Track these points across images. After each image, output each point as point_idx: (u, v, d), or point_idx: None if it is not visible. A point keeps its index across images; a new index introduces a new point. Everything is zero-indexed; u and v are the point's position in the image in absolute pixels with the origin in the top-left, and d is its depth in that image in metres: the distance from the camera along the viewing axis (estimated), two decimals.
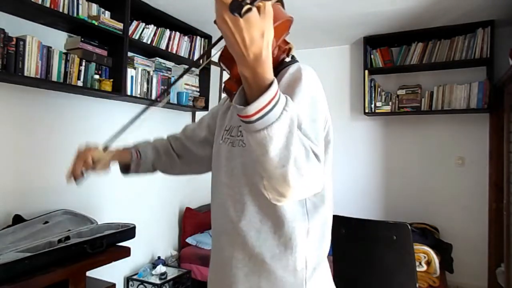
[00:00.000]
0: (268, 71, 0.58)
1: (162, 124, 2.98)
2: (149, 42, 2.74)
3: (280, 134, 0.59)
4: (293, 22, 0.82)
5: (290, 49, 0.89)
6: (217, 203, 0.94)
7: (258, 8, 0.52)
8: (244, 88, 0.61)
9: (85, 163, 1.00)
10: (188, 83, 3.21)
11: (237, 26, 0.51)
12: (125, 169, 1.14)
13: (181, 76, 1.01)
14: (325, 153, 0.84)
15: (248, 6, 0.47)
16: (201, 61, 2.73)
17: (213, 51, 0.90)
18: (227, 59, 0.73)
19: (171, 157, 1.17)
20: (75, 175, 0.99)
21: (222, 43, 0.77)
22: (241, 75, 0.58)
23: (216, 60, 0.81)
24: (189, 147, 1.16)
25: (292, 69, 0.83)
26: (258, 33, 0.53)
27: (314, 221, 0.85)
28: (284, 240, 0.82)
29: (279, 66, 0.86)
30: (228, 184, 0.90)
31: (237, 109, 0.60)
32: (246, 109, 0.57)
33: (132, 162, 1.12)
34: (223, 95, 1.24)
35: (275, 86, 0.58)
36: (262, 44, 0.54)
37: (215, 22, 0.92)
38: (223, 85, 0.83)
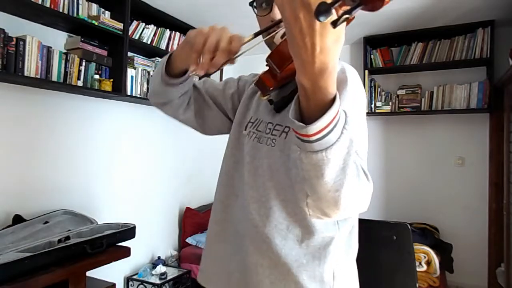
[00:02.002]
0: (332, 84, 0.50)
1: (162, 124, 2.98)
2: (149, 42, 2.74)
3: (338, 157, 0.53)
4: None
5: None
6: (238, 203, 0.86)
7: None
8: (299, 99, 0.53)
9: (230, 55, 0.71)
10: None
11: (311, 29, 0.43)
12: (174, 75, 0.90)
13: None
14: None
15: (346, 16, 0.39)
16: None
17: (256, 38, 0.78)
18: (280, 59, 0.64)
19: (187, 97, 1.01)
20: (215, 66, 0.70)
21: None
22: (300, 84, 0.51)
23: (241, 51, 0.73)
24: (206, 102, 1.03)
25: None
26: (332, 41, 0.45)
27: (344, 230, 0.80)
28: (312, 249, 0.77)
29: None
30: (251, 185, 0.82)
31: (294, 125, 0.52)
32: (307, 129, 0.50)
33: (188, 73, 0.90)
34: (254, 73, 1.12)
35: (337, 102, 0.51)
36: (334, 53, 0.47)
37: (251, 4, 0.82)
38: (257, 77, 0.73)
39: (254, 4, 0.83)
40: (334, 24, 0.40)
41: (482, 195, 3.11)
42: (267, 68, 0.71)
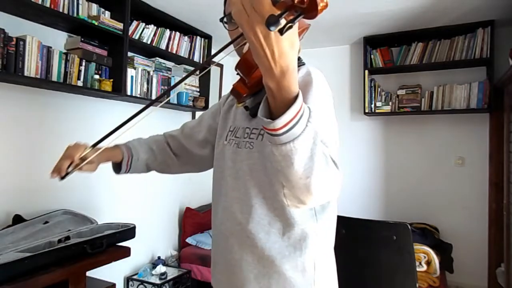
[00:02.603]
0: (294, 83, 0.57)
1: (162, 124, 2.97)
2: (149, 42, 2.74)
3: (305, 146, 0.59)
4: None
5: (298, 51, 0.89)
6: (223, 206, 0.93)
7: None
8: (267, 99, 0.61)
9: (71, 161, 1.00)
10: (188, 83, 3.21)
11: (268, 39, 0.50)
12: (118, 168, 1.14)
13: (184, 79, 1.00)
14: None
15: (290, 25, 0.46)
16: (206, 63, 2.70)
17: (213, 51, 0.91)
18: (246, 67, 0.72)
19: (168, 156, 1.16)
20: (60, 172, 0.99)
21: (222, 43, 0.77)
22: (266, 86, 0.58)
23: (215, 60, 0.81)
24: (187, 147, 1.14)
25: (301, 72, 0.84)
26: (287, 46, 0.52)
27: (322, 222, 0.87)
28: (293, 241, 0.83)
29: None
30: (234, 187, 0.89)
31: (263, 122, 0.59)
32: (274, 123, 0.57)
33: (123, 162, 1.12)
34: (223, 93, 1.21)
35: (300, 98, 0.58)
36: (291, 56, 0.54)
37: (221, 20, 0.92)
38: (232, 86, 0.82)
39: (225, 20, 0.93)
40: (281, 32, 0.47)
41: (482, 195, 3.11)
42: (238, 77, 0.79)
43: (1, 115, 1.97)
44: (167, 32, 2.90)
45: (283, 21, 0.46)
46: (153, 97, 2.79)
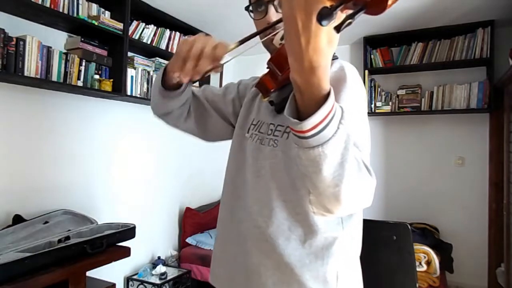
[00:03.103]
0: (325, 80, 0.51)
1: (162, 124, 2.98)
2: (149, 42, 2.74)
3: (335, 151, 0.54)
4: None
5: None
6: (240, 205, 0.86)
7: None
8: (295, 96, 0.55)
9: (215, 63, 0.73)
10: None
11: (306, 29, 0.45)
12: (176, 86, 0.91)
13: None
14: None
15: (350, 21, 0.40)
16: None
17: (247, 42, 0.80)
18: (282, 62, 0.65)
19: (187, 107, 1.01)
20: (198, 74, 0.74)
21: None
22: (293, 81, 0.52)
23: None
24: (207, 109, 1.03)
25: (334, 67, 0.78)
26: (325, 41, 0.46)
27: (348, 230, 0.80)
28: (315, 249, 0.77)
29: None
30: (254, 186, 0.83)
31: (290, 122, 0.54)
32: (302, 124, 0.51)
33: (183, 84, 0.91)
34: (255, 76, 1.14)
35: (332, 97, 0.52)
36: (326, 53, 0.48)
37: (247, 8, 0.85)
38: (258, 79, 0.75)
39: (250, 8, 0.85)
40: (338, 29, 0.41)
41: (482, 195, 3.11)
42: (267, 70, 0.72)
43: (1, 115, 1.97)
44: (167, 32, 2.90)
45: (338, 15, 0.40)
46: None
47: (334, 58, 0.83)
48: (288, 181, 0.77)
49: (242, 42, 0.75)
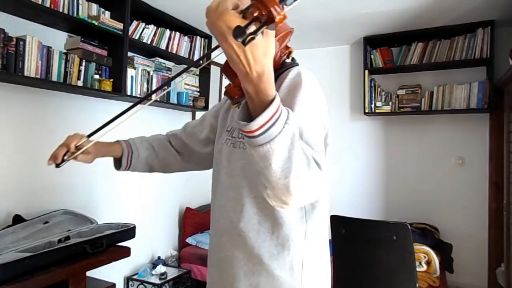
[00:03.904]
0: (270, 87, 0.59)
1: (162, 124, 2.98)
2: (149, 42, 2.74)
3: (282, 148, 0.60)
4: (293, 22, 0.83)
5: (290, 52, 0.91)
6: (218, 204, 0.96)
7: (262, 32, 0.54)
8: (247, 103, 0.62)
9: (67, 150, 1.04)
10: (188, 83, 3.21)
11: (240, 47, 0.52)
12: (118, 163, 1.17)
13: (178, 75, 1.04)
14: None
15: (252, 36, 0.49)
16: (201, 61, 2.72)
17: (215, 51, 0.90)
18: (229, 72, 0.74)
19: (170, 153, 1.18)
20: (56, 159, 1.02)
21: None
22: (244, 90, 0.60)
23: (216, 60, 0.82)
24: (190, 145, 1.17)
25: (292, 73, 0.85)
26: (261, 53, 0.54)
27: (312, 222, 0.88)
28: (282, 241, 0.85)
29: (280, 69, 0.87)
30: (228, 185, 0.92)
31: (239, 125, 0.61)
32: (249, 125, 0.59)
33: (122, 157, 1.14)
34: (223, 94, 1.22)
35: (276, 101, 0.60)
36: (265, 62, 0.55)
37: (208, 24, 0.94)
38: (223, 89, 0.86)
39: None
40: (243, 42, 0.49)
41: (482, 195, 3.11)
42: None
43: (1, 115, 1.97)
44: (167, 32, 2.90)
45: (249, 31, 0.49)
46: (153, 97, 2.78)
47: (295, 64, 0.90)
48: (257, 179, 0.83)
49: (89, 136, 1.09)
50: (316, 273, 0.91)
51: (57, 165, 1.02)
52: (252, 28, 0.49)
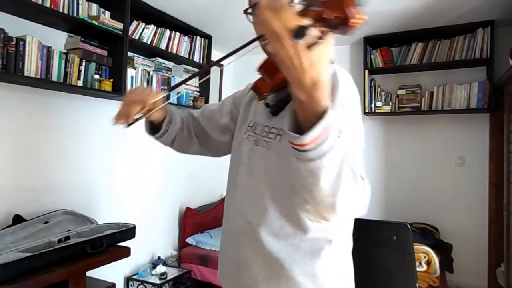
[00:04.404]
0: (324, 95, 0.53)
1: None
2: (149, 42, 2.74)
3: (333, 163, 0.56)
4: None
5: None
6: (235, 202, 0.90)
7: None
8: (296, 111, 0.56)
9: (142, 107, 0.88)
10: (188, 83, 3.21)
11: (296, 50, 0.47)
12: (155, 129, 1.04)
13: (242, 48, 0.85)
14: None
15: (318, 40, 0.44)
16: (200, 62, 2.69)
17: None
18: (269, 71, 0.68)
19: (190, 133, 1.09)
20: (129, 117, 0.87)
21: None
22: (295, 98, 0.54)
23: (214, 61, 0.80)
24: (207, 130, 1.09)
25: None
26: (318, 58, 0.49)
27: (336, 229, 0.83)
28: (304, 246, 0.80)
29: None
30: (246, 184, 0.87)
31: (290, 137, 0.55)
32: (302, 138, 0.53)
33: (164, 121, 1.01)
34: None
35: (331, 112, 0.54)
36: (322, 68, 0.50)
37: (245, 11, 0.86)
38: (252, 83, 0.79)
39: (249, 11, 0.86)
40: (309, 47, 0.45)
41: (482, 195, 3.11)
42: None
43: (1, 115, 1.97)
44: (167, 32, 2.90)
45: (312, 33, 0.44)
46: None
47: None
48: (281, 183, 0.80)
49: (170, 89, 0.91)
50: (340, 281, 0.86)
51: (129, 124, 0.90)
52: (313, 30, 0.43)
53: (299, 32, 0.43)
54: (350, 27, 0.43)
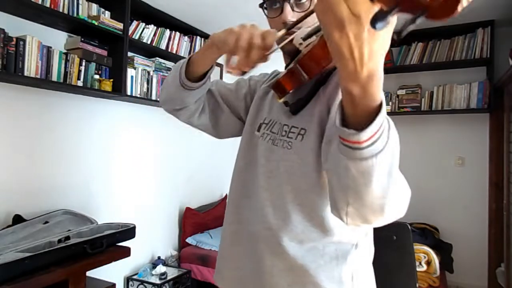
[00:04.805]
0: (379, 89, 0.48)
1: (162, 124, 2.98)
2: (149, 42, 2.74)
3: (386, 161, 0.52)
4: None
5: None
6: (251, 206, 0.84)
7: None
8: (344, 105, 0.52)
9: (265, 52, 0.71)
10: None
11: (358, 38, 0.41)
12: (198, 78, 0.90)
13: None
14: None
15: (410, 26, 0.36)
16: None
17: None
18: (312, 66, 0.62)
19: (201, 102, 0.99)
20: (250, 66, 0.72)
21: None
22: (346, 92, 0.49)
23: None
24: (218, 106, 1.02)
25: None
26: (378, 48, 0.43)
27: (362, 231, 0.81)
28: (330, 251, 0.77)
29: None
30: (266, 187, 0.81)
31: (344, 133, 0.51)
32: (359, 135, 0.48)
33: (210, 71, 0.89)
34: (264, 73, 1.11)
35: (384, 107, 0.50)
36: (380, 59, 0.45)
37: (261, 5, 0.81)
38: (275, 80, 0.72)
39: (265, 5, 0.82)
40: (398, 34, 0.38)
41: (482, 195, 3.11)
42: (286, 71, 0.70)
43: (1, 115, 1.97)
44: (167, 32, 2.90)
45: (393, 19, 0.38)
46: (153, 97, 2.78)
47: None
48: (305, 185, 0.76)
49: (289, 28, 0.72)
50: (366, 285, 0.83)
51: (246, 74, 0.77)
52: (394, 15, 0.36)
53: (381, 17, 0.36)
54: (458, 12, 0.34)
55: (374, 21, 0.37)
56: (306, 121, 0.77)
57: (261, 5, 0.82)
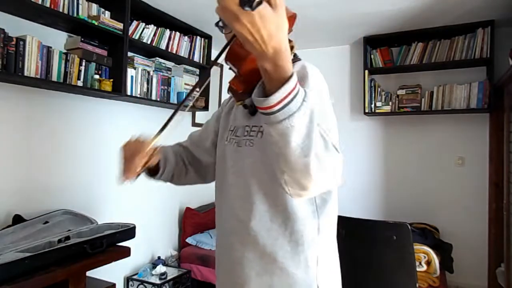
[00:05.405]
0: (288, 62, 0.59)
1: (162, 124, 2.97)
2: (149, 42, 2.74)
3: (301, 124, 0.60)
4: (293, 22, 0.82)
5: (292, 47, 0.86)
6: (225, 204, 0.93)
7: (269, 2, 0.53)
8: (264, 82, 0.62)
9: (142, 157, 0.87)
10: (188, 83, 3.21)
11: (253, 24, 0.52)
12: (152, 171, 1.05)
13: (199, 85, 0.91)
14: None
15: (258, 1, 0.49)
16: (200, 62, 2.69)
17: (213, 51, 0.89)
18: (236, 58, 0.73)
19: (184, 164, 1.11)
20: (135, 171, 0.85)
21: (222, 43, 0.76)
22: (262, 69, 0.60)
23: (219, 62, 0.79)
24: (197, 156, 1.12)
25: (296, 67, 0.82)
26: (274, 27, 0.54)
27: (324, 217, 0.86)
28: (295, 237, 0.83)
29: None
30: (235, 185, 0.90)
31: (257, 102, 0.61)
32: (268, 100, 0.58)
33: (160, 163, 1.03)
34: (223, 94, 1.21)
35: (295, 77, 0.60)
36: (281, 37, 0.55)
37: (216, 24, 0.92)
38: (228, 84, 0.83)
39: (220, 24, 0.91)
40: (251, 7, 0.49)
41: (482, 195, 3.11)
42: (233, 74, 0.81)
43: (1, 115, 1.97)
44: (167, 32, 2.90)
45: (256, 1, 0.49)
46: (153, 97, 2.78)
47: (298, 59, 0.91)
48: (267, 176, 0.83)
49: (160, 131, 0.89)
50: (331, 269, 0.89)
51: (136, 178, 0.89)
52: None
53: (244, 1, 0.48)
54: None
55: (241, 3, 0.49)
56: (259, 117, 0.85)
57: (216, 24, 0.92)
